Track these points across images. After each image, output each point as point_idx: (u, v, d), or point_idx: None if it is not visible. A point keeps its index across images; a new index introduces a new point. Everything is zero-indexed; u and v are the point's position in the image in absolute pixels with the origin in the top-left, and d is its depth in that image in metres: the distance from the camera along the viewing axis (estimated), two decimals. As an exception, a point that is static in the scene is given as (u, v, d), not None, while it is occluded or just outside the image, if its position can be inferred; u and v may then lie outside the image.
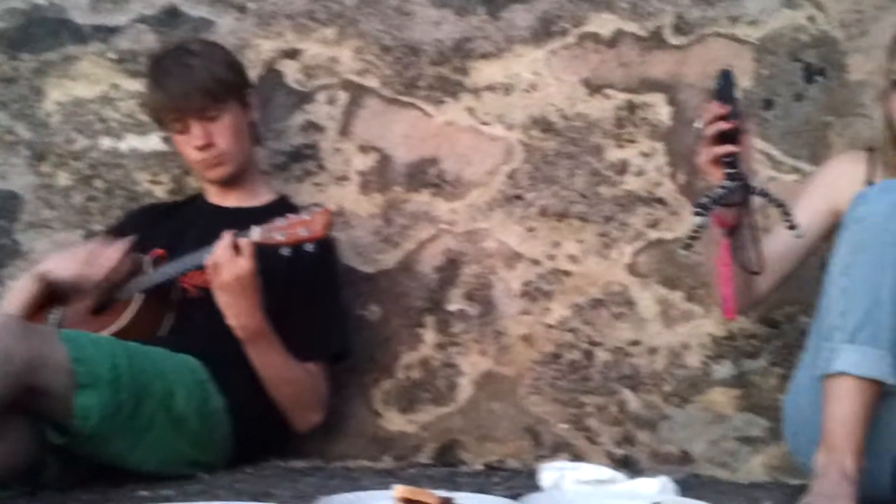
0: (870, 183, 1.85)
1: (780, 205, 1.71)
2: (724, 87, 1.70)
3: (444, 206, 2.35)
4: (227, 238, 1.94)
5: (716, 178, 1.70)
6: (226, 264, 1.93)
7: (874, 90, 2.05)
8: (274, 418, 2.11)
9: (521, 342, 2.29)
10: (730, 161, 1.68)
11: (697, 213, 1.67)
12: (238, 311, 1.97)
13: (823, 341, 1.69)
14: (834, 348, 1.65)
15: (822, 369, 1.66)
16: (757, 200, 1.73)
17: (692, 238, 1.72)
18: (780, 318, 2.16)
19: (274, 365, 2.05)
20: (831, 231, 1.84)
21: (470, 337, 2.31)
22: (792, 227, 1.71)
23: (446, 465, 2.26)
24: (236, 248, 1.94)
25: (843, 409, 1.63)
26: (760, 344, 2.18)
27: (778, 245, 1.85)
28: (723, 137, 1.69)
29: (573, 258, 2.28)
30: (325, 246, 2.18)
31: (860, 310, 1.64)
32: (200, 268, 2.00)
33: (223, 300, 1.97)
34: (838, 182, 1.90)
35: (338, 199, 2.38)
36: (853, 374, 1.63)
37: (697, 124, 1.70)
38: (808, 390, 1.76)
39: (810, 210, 1.89)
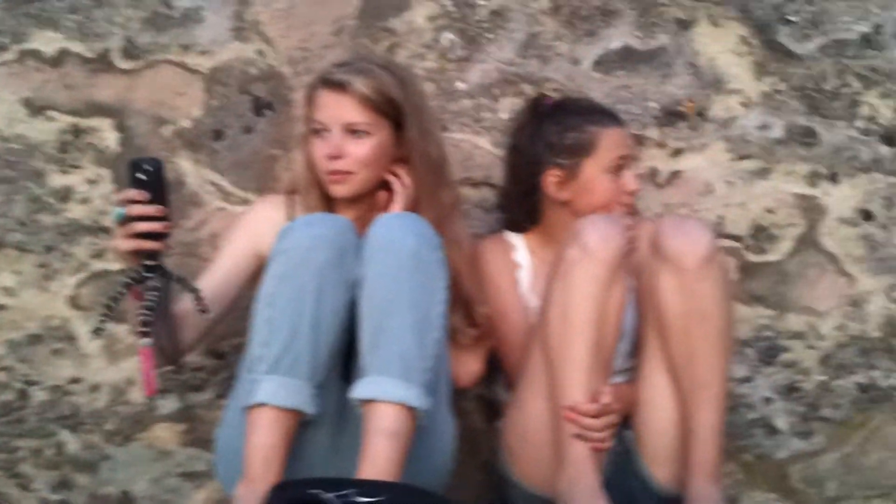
0: (292, 223, 1.90)
1: (192, 290, 1.74)
2: (154, 178, 1.65)
3: None
4: None
5: (130, 264, 1.67)
6: None
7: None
8: None
9: (-55, 385, 2.07)
10: (151, 254, 1.66)
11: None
12: None
13: (248, 372, 1.69)
14: (256, 379, 1.66)
15: (245, 400, 1.66)
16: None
17: (102, 322, 1.68)
18: (226, 349, 2.16)
19: None
20: (257, 273, 1.87)
21: None
22: (204, 311, 1.74)
23: None
24: None
25: (262, 439, 1.64)
26: (207, 376, 2.16)
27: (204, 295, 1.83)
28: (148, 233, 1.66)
29: (9, 291, 2.12)
30: None
31: (281, 340, 1.66)
32: None
33: None
34: (260, 226, 1.94)
35: None
36: (272, 405, 1.64)
37: (119, 210, 1.64)
38: (236, 423, 1.74)
39: (235, 254, 1.93)
